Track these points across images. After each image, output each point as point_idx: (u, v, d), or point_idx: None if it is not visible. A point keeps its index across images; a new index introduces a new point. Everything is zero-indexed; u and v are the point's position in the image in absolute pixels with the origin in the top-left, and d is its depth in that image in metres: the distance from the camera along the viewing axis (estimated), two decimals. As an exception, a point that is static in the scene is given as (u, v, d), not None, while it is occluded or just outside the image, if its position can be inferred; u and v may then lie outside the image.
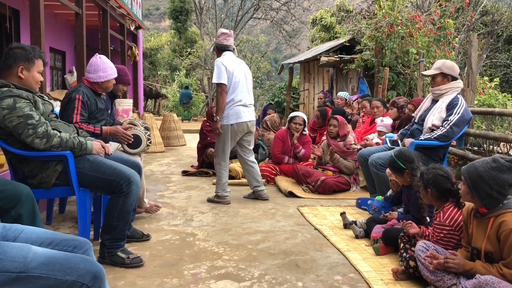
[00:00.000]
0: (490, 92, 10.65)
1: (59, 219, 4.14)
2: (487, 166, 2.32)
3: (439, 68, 4.33)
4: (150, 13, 59.41)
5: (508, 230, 2.22)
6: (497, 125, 8.44)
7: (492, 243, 2.31)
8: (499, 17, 18.53)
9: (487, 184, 2.29)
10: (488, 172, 2.30)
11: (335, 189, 5.30)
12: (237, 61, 4.94)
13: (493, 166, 2.30)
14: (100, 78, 3.67)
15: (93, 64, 3.68)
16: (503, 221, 2.26)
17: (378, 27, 8.47)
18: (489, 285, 2.15)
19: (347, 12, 21.29)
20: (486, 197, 2.31)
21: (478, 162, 2.37)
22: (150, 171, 6.89)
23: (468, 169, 2.38)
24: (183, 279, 2.82)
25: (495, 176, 2.28)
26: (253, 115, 5.01)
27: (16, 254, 1.57)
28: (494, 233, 2.29)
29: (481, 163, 2.35)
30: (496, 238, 2.29)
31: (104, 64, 3.70)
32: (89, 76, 3.67)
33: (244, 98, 4.85)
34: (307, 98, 15.11)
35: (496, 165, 2.30)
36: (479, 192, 2.31)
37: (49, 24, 8.01)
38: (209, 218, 4.23)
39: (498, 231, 2.27)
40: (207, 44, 20.03)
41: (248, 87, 4.94)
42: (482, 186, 2.30)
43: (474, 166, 2.36)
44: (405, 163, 3.39)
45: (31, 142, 2.86)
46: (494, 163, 2.31)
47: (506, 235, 2.23)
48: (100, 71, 3.66)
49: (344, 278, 2.86)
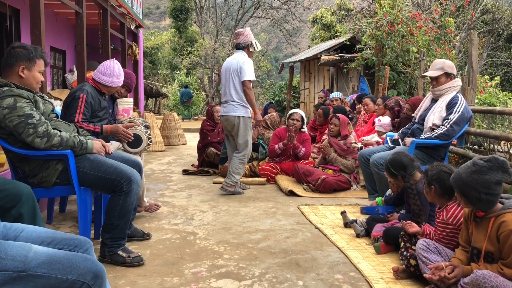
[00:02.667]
0: (490, 91, 10.66)
1: (60, 218, 4.15)
2: (468, 171, 2.33)
3: (442, 68, 4.33)
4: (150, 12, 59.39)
5: (508, 230, 2.23)
6: (498, 124, 8.44)
7: (492, 243, 2.31)
8: (500, 16, 18.51)
9: (473, 188, 2.30)
10: (470, 177, 2.31)
11: (336, 188, 5.30)
12: (233, 58, 5.27)
13: (473, 170, 2.31)
14: (113, 84, 3.75)
15: (110, 68, 3.73)
16: (503, 222, 2.26)
17: (378, 26, 8.46)
18: (485, 279, 2.15)
19: (348, 11, 21.28)
20: (477, 201, 2.32)
21: (462, 168, 2.38)
22: (150, 170, 6.90)
23: (454, 177, 2.40)
24: (184, 278, 2.82)
25: (478, 179, 2.29)
26: (225, 110, 5.25)
27: (17, 253, 1.57)
28: (494, 233, 2.30)
29: (463, 169, 2.36)
30: (496, 238, 2.29)
31: (120, 72, 3.79)
32: (103, 78, 3.70)
33: (223, 95, 5.32)
34: (307, 97, 15.11)
35: (476, 168, 2.31)
36: (469, 198, 2.34)
37: (50, 23, 8.01)
38: (210, 217, 4.23)
39: (498, 232, 2.27)
40: (207, 43, 20.02)
41: (228, 83, 5.22)
42: (470, 192, 2.32)
43: (458, 173, 2.37)
44: (396, 170, 3.41)
45: (31, 141, 2.86)
46: (474, 166, 2.32)
47: (506, 236, 2.23)
48: (115, 77, 3.74)
49: (344, 277, 2.86)
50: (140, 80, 10.88)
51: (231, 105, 5.18)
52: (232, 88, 5.16)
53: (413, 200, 3.26)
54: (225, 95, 5.26)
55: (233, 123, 5.17)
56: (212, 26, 21.99)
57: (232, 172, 5.21)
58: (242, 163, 5.25)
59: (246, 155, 5.27)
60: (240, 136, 5.19)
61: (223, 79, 5.31)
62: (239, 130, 5.18)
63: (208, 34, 22.04)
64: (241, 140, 5.20)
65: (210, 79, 21.92)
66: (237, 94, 5.15)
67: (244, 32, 5.28)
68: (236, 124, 5.17)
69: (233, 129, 5.21)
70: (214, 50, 18.73)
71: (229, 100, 5.19)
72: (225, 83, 5.26)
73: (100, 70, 3.74)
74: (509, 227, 2.22)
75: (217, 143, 6.82)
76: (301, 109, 14.85)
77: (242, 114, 5.17)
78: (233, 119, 5.16)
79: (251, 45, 5.26)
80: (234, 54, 5.31)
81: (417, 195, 3.25)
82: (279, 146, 6.02)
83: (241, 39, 5.24)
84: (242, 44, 5.24)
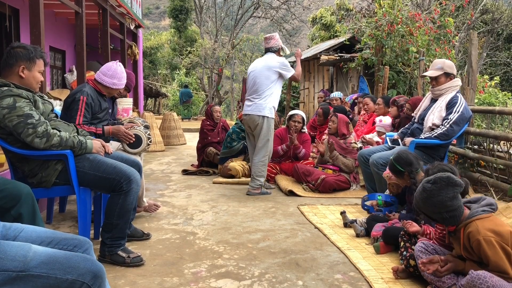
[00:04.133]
0: (490, 91, 10.66)
1: (59, 218, 4.14)
2: (422, 197, 2.35)
3: (441, 68, 4.32)
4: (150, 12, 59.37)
5: (476, 240, 2.26)
6: (497, 124, 8.45)
7: (469, 252, 2.35)
8: (499, 16, 18.51)
9: (434, 212, 2.34)
10: (426, 202, 2.34)
11: (335, 188, 5.29)
12: (263, 59, 5.34)
13: (425, 196, 2.34)
14: (114, 85, 3.74)
15: (112, 70, 3.72)
16: (470, 232, 2.29)
17: (378, 26, 8.46)
18: (481, 280, 2.16)
19: (347, 11, 21.27)
20: (443, 220, 2.35)
21: (417, 194, 2.40)
22: (150, 170, 6.90)
23: (416, 204, 2.43)
24: (184, 278, 2.82)
25: (433, 202, 2.32)
26: (250, 109, 5.22)
27: (16, 253, 1.57)
28: (467, 243, 2.33)
29: (419, 196, 2.38)
30: (470, 248, 2.32)
31: (122, 74, 3.78)
32: (104, 79, 3.70)
33: (249, 92, 5.32)
34: (307, 97, 15.10)
35: (427, 194, 2.33)
36: (436, 220, 2.38)
37: (49, 23, 8.00)
38: (209, 217, 4.23)
39: (469, 243, 2.30)
40: (207, 43, 20.02)
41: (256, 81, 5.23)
42: (434, 215, 2.36)
43: (416, 200, 2.40)
44: (403, 166, 3.39)
45: (31, 141, 2.86)
46: (425, 192, 2.34)
47: (477, 245, 2.26)
48: (116, 79, 3.74)
49: (344, 277, 2.86)
50: (140, 80, 10.87)
51: (257, 104, 5.17)
52: (265, 86, 5.17)
53: None
54: (254, 92, 5.24)
55: (257, 122, 5.18)
56: (211, 26, 21.99)
57: (255, 176, 5.24)
58: (264, 165, 5.28)
59: (267, 156, 5.30)
60: (261, 136, 5.21)
61: (252, 78, 5.28)
62: (262, 131, 5.19)
63: (208, 34, 22.04)
64: (262, 141, 5.22)
65: (210, 79, 21.92)
66: (269, 92, 5.18)
67: (274, 37, 5.37)
68: (260, 123, 5.18)
69: (256, 128, 5.22)
70: (213, 50, 18.73)
71: (256, 97, 5.19)
72: (255, 82, 5.22)
73: (102, 70, 3.74)
74: (476, 237, 2.25)
75: (216, 143, 6.82)
76: (300, 109, 14.86)
77: (267, 115, 5.17)
78: (257, 119, 5.17)
79: (281, 50, 5.38)
80: (266, 55, 5.34)
81: None
82: (282, 148, 6.02)
83: (272, 43, 5.32)
84: (274, 48, 5.32)
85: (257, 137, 5.24)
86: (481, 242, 2.23)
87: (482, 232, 2.24)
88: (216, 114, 7.08)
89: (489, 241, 2.22)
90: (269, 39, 5.37)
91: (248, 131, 5.43)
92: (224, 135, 7.02)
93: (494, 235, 2.23)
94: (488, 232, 2.24)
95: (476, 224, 2.28)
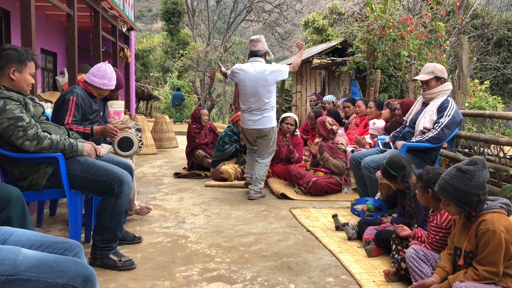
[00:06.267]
0: (480, 95, 10.76)
1: (50, 222, 4.11)
2: (463, 179, 2.33)
3: (432, 72, 4.36)
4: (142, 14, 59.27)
5: (485, 228, 2.27)
6: (488, 127, 8.52)
7: (471, 242, 2.35)
8: (489, 21, 18.69)
9: (473, 194, 2.32)
10: (468, 185, 2.32)
11: (327, 190, 5.31)
12: (254, 67, 5.11)
13: (468, 177, 2.32)
14: (104, 86, 3.73)
15: (102, 71, 3.72)
16: (483, 220, 2.31)
17: (370, 30, 8.51)
18: None
19: (339, 15, 21.38)
20: (477, 204, 2.34)
21: (451, 180, 2.36)
22: (142, 173, 6.86)
23: (448, 191, 2.37)
24: (175, 281, 2.81)
25: (475, 184, 2.31)
26: (261, 122, 5.13)
27: (6, 257, 1.55)
28: (474, 231, 2.34)
29: (455, 180, 2.35)
30: (475, 236, 2.34)
31: (112, 74, 3.78)
32: (94, 79, 3.69)
33: (251, 105, 5.14)
34: (299, 100, 15.14)
35: (470, 175, 2.32)
36: (470, 204, 2.34)
37: (40, 25, 7.95)
38: (201, 220, 4.22)
39: (477, 229, 2.32)
40: (199, 46, 20.00)
41: (259, 92, 5.08)
42: (471, 198, 2.33)
43: (452, 186, 2.35)
44: (396, 171, 3.39)
45: (21, 144, 2.84)
46: (467, 174, 2.32)
47: (482, 233, 2.28)
48: (106, 79, 3.73)
49: (336, 280, 2.86)
50: (132, 83, 10.83)
51: (265, 117, 5.13)
52: (267, 99, 5.10)
53: (409, 202, 3.26)
54: (257, 105, 5.11)
55: (265, 133, 5.19)
56: (204, 29, 21.97)
57: (259, 180, 5.24)
58: (267, 169, 5.34)
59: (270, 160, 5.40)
60: (270, 144, 5.24)
61: (248, 88, 5.09)
62: (271, 140, 5.23)
63: (200, 37, 22.01)
64: (271, 149, 5.29)
65: (202, 82, 21.88)
66: (270, 102, 5.14)
67: (262, 40, 5.21)
68: (269, 134, 5.20)
69: (264, 138, 5.21)
70: (206, 53, 18.70)
71: (262, 111, 5.11)
72: (253, 93, 5.08)
73: (92, 72, 3.73)
74: (487, 226, 2.27)
75: (205, 144, 6.81)
76: (292, 112, 14.88)
77: (274, 125, 5.22)
78: (266, 131, 5.17)
79: (267, 53, 5.27)
80: (254, 63, 5.14)
81: (414, 197, 3.25)
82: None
83: (259, 46, 5.15)
84: (261, 51, 5.16)
85: (265, 146, 5.25)
86: (490, 232, 2.25)
87: (496, 224, 2.26)
88: (205, 117, 7.07)
89: (498, 234, 2.24)
90: (256, 41, 5.18)
91: (249, 139, 5.36)
92: (211, 136, 7.02)
93: (505, 232, 2.25)
94: (501, 226, 2.26)
95: (492, 215, 2.31)
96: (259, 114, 5.12)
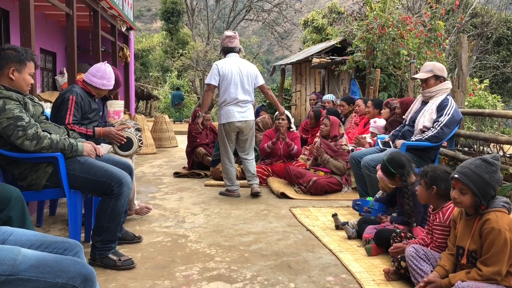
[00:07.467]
0: (480, 94, 10.76)
1: (50, 221, 4.11)
2: (489, 171, 2.33)
3: (431, 70, 4.36)
4: (141, 14, 59.25)
5: (490, 228, 2.27)
6: (487, 126, 8.53)
7: (475, 241, 2.35)
8: (489, 19, 18.70)
9: (492, 187, 2.33)
10: (492, 177, 2.33)
11: (327, 190, 5.31)
12: (236, 62, 5.13)
13: (494, 170, 2.34)
14: (103, 86, 3.73)
15: (101, 71, 3.72)
16: (487, 220, 2.31)
17: (369, 29, 8.51)
18: None
19: (339, 14, 21.39)
20: (491, 198, 2.36)
21: (477, 169, 2.35)
22: (141, 172, 6.86)
23: (471, 178, 2.34)
24: (175, 281, 2.81)
25: (497, 178, 2.34)
26: (247, 115, 5.16)
27: (5, 256, 1.55)
28: (478, 231, 2.34)
29: (481, 170, 2.34)
30: (479, 236, 2.34)
31: (111, 75, 3.78)
32: (93, 79, 3.69)
33: (238, 97, 5.09)
34: (299, 100, 15.15)
35: (496, 168, 2.34)
36: (486, 197, 2.34)
37: (40, 25, 7.95)
38: (201, 220, 4.22)
39: (481, 229, 2.32)
40: (199, 45, 19.99)
41: (245, 86, 5.11)
42: (489, 191, 2.33)
43: (477, 175, 2.33)
44: (395, 168, 3.40)
45: (21, 144, 2.84)
46: (493, 166, 2.34)
47: (487, 233, 2.28)
48: (106, 79, 3.74)
49: (336, 279, 2.86)
50: (131, 83, 10.83)
51: (250, 109, 5.22)
52: (251, 91, 5.19)
53: (407, 201, 3.27)
54: (242, 94, 5.09)
55: (251, 126, 5.23)
56: (203, 28, 21.95)
57: (255, 174, 5.31)
58: (254, 161, 5.41)
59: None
60: (250, 137, 5.27)
61: (236, 81, 5.05)
62: (251, 132, 5.27)
63: (200, 36, 21.99)
64: (253, 142, 5.34)
65: (202, 82, 21.86)
66: (251, 98, 5.21)
67: (237, 36, 5.25)
68: (252, 127, 5.25)
69: (249, 132, 5.22)
70: (205, 53, 18.69)
71: (248, 103, 5.18)
72: (241, 85, 5.07)
73: (91, 71, 3.72)
74: (492, 225, 2.27)
75: (206, 144, 6.81)
76: (292, 111, 14.90)
77: (254, 118, 5.30)
78: (252, 123, 5.22)
79: (240, 50, 5.31)
80: (235, 58, 5.15)
81: (412, 196, 3.25)
82: (268, 145, 6.07)
83: (236, 43, 5.19)
84: (237, 48, 5.21)
85: (247, 140, 5.26)
86: (495, 231, 2.25)
87: (500, 223, 2.27)
88: (207, 122, 7.06)
89: (503, 233, 2.24)
90: (233, 38, 5.18)
91: (231, 136, 5.20)
92: (212, 136, 7.02)
93: (509, 231, 2.26)
94: (505, 225, 2.27)
95: (495, 214, 2.31)
96: (245, 106, 5.16)
